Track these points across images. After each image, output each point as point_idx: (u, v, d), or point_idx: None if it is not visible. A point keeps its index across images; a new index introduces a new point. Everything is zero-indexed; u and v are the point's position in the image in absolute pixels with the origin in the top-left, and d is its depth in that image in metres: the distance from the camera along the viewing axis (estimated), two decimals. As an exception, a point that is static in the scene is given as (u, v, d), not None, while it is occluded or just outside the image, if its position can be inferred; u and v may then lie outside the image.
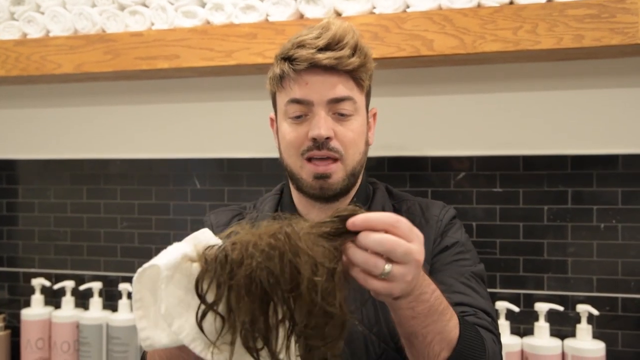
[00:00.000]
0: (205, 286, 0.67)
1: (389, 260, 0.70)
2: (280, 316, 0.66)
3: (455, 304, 0.96)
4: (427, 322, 0.79)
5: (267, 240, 0.66)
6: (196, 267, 0.68)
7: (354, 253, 0.70)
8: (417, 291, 0.76)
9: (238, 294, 0.65)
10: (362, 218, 0.70)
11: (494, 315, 1.00)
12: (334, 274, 0.67)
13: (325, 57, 0.96)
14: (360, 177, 1.09)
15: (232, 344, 0.66)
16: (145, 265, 0.69)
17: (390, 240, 0.70)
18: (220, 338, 0.67)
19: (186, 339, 0.67)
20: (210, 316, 0.66)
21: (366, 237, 0.70)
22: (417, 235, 0.73)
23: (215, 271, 0.66)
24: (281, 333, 0.67)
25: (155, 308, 0.69)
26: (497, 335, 0.97)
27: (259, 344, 0.66)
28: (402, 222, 0.72)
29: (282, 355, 0.67)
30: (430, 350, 0.81)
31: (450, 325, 0.82)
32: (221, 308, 0.66)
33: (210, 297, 0.66)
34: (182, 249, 0.69)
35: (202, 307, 0.66)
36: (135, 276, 0.71)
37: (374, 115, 1.13)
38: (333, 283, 0.67)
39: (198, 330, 0.66)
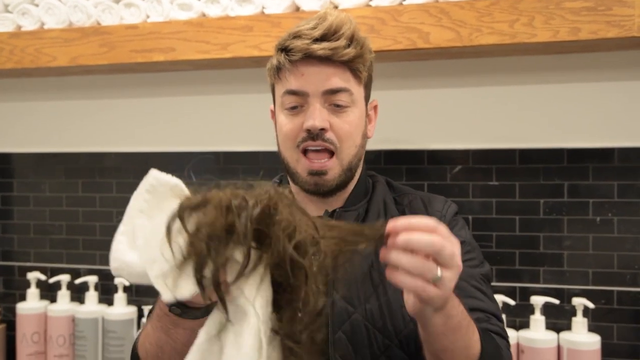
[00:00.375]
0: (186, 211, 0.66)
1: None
2: (240, 252, 0.64)
3: (469, 309, 0.96)
4: (456, 337, 0.79)
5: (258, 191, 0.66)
6: None
7: (402, 257, 0.69)
8: (449, 304, 0.76)
9: (206, 214, 0.63)
10: (405, 220, 0.70)
11: (502, 319, 1.01)
12: (315, 244, 0.66)
13: (320, 48, 0.96)
14: (359, 170, 1.08)
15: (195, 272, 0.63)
16: (150, 178, 0.69)
17: (439, 240, 0.69)
18: (179, 268, 0.65)
19: (146, 256, 0.66)
20: (176, 244, 0.64)
21: (417, 237, 0.68)
22: (456, 241, 0.72)
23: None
24: (233, 271, 0.65)
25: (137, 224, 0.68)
26: (508, 340, 0.98)
27: (207, 273, 0.64)
28: (442, 226, 0.71)
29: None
30: None
31: (474, 340, 0.83)
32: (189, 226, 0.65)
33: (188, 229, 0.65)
34: (179, 180, 0.69)
35: (173, 215, 0.65)
36: (138, 189, 0.70)
37: (375, 107, 1.11)
38: (315, 248, 0.65)
39: (161, 254, 0.64)
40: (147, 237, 0.67)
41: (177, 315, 0.76)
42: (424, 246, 0.68)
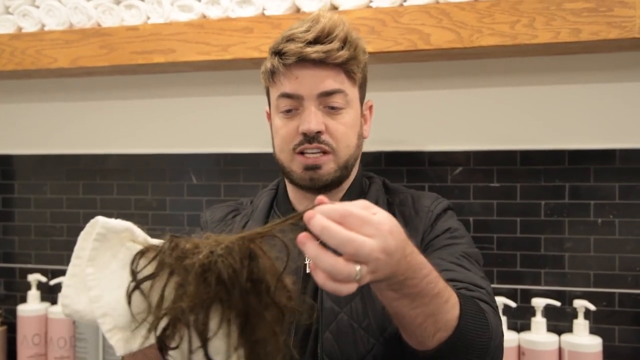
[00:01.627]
0: (142, 263, 0.63)
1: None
2: (226, 317, 0.61)
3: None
4: (416, 304, 0.73)
5: (224, 243, 0.63)
6: (137, 247, 0.65)
7: (320, 257, 0.62)
8: (400, 277, 0.69)
9: (184, 279, 0.60)
10: (320, 208, 0.64)
11: (489, 289, 0.95)
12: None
13: (313, 51, 0.96)
14: (355, 170, 1.08)
15: (152, 329, 0.61)
16: (93, 220, 0.67)
17: (346, 237, 0.62)
18: (135, 323, 0.63)
19: (99, 310, 0.63)
20: (135, 297, 0.62)
21: (328, 234, 0.62)
22: (375, 226, 0.64)
23: (161, 252, 0.62)
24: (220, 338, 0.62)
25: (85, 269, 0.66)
26: (495, 308, 0.93)
27: (176, 342, 0.61)
28: (354, 214, 0.63)
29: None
30: (422, 332, 0.77)
31: (447, 307, 0.77)
32: (153, 292, 0.62)
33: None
34: (129, 223, 0.66)
35: (132, 284, 0.62)
36: (84, 231, 0.68)
37: (370, 107, 1.12)
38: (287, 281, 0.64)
39: (114, 307, 0.63)
40: (99, 288, 0.65)
41: None
42: (335, 245, 0.62)
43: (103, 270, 0.65)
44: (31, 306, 1.66)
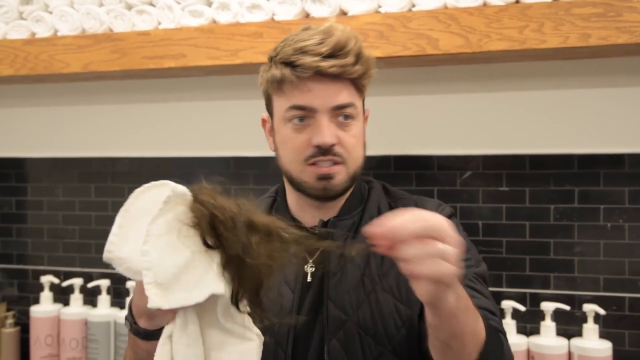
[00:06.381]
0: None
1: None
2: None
3: None
4: (466, 319, 0.78)
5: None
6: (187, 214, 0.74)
7: (409, 248, 0.69)
8: (456, 281, 0.75)
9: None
10: (385, 225, 0.70)
11: (499, 315, 0.99)
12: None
13: (330, 66, 0.95)
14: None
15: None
16: (157, 183, 0.78)
17: (423, 223, 0.69)
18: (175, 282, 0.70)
19: (145, 263, 0.70)
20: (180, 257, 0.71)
21: (410, 227, 0.69)
22: (439, 217, 0.72)
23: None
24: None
25: (137, 225, 0.73)
26: (504, 334, 0.97)
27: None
28: (415, 211, 0.71)
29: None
30: (464, 352, 0.80)
31: (480, 324, 0.81)
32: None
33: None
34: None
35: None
36: (140, 189, 0.77)
37: (367, 117, 1.13)
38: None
39: (158, 264, 0.70)
40: (150, 244, 0.72)
41: (128, 329, 0.81)
42: (420, 231, 0.69)
43: (159, 230, 0.72)
44: (44, 307, 1.68)
